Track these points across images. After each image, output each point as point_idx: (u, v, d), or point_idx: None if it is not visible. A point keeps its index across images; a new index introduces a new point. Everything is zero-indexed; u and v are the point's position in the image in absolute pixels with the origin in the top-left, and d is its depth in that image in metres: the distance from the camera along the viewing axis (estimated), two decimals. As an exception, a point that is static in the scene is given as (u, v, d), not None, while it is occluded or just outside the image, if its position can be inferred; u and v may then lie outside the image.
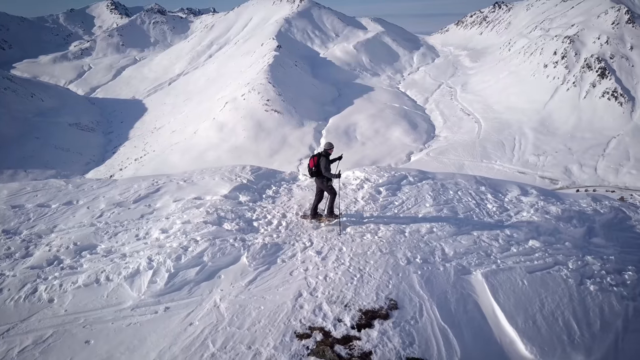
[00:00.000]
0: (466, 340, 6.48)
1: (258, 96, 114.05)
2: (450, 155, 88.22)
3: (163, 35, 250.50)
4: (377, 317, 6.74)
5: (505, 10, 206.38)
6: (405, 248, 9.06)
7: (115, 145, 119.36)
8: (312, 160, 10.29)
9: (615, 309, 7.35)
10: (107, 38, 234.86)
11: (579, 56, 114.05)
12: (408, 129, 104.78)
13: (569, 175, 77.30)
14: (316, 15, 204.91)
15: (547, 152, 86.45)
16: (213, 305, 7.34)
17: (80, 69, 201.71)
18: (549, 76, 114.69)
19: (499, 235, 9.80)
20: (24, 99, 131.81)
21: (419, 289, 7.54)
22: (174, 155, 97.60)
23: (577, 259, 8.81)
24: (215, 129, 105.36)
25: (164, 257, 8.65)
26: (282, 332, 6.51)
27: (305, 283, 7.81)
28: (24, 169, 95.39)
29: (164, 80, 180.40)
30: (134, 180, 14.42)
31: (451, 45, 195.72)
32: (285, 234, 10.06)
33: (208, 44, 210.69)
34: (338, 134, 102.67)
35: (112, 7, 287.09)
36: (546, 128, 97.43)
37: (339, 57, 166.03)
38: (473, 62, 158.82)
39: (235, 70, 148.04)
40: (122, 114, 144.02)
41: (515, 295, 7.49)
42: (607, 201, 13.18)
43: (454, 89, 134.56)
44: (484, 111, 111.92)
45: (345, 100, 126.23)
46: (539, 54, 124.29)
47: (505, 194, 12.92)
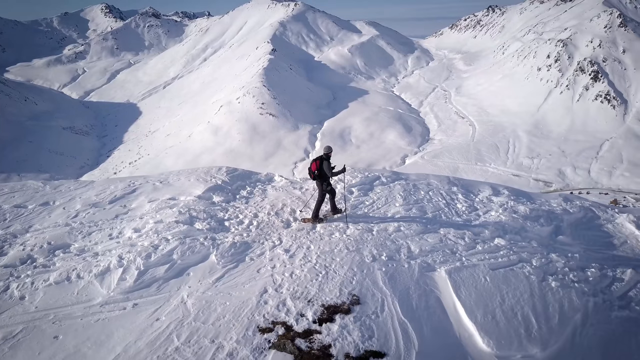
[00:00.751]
0: (425, 334, 6.66)
1: (253, 99, 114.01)
2: (444, 158, 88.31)
3: (158, 39, 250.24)
4: (338, 312, 6.95)
5: (499, 14, 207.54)
6: (372, 246, 9.27)
7: (109, 149, 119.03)
8: (315, 164, 10.57)
9: (575, 304, 7.57)
10: (101, 41, 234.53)
11: (572, 59, 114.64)
12: (403, 132, 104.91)
13: (562, 178, 77.46)
14: (311, 19, 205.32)
15: (541, 155, 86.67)
16: (180, 301, 7.51)
17: (75, 73, 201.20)
18: (543, 79, 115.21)
19: (466, 233, 10.02)
20: (17, 102, 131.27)
21: (382, 285, 7.74)
22: (169, 159, 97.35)
23: (541, 257, 9.05)
24: (210, 133, 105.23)
25: (135, 255, 8.82)
26: (245, 326, 6.69)
27: (271, 280, 8.00)
28: (17, 172, 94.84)
29: (159, 83, 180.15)
30: (111, 181, 14.67)
31: (445, 49, 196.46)
32: (256, 233, 10.26)
33: (203, 47, 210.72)
34: (333, 137, 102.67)
35: (107, 11, 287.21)
36: (540, 131, 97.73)
37: (334, 61, 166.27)
38: (467, 66, 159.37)
39: (230, 73, 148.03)
40: (117, 118, 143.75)
41: (477, 291, 7.68)
42: (578, 201, 13.42)
43: (449, 92, 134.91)
44: (478, 114, 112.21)
45: (340, 104, 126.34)
46: (533, 58, 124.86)
47: (477, 194, 13.19)
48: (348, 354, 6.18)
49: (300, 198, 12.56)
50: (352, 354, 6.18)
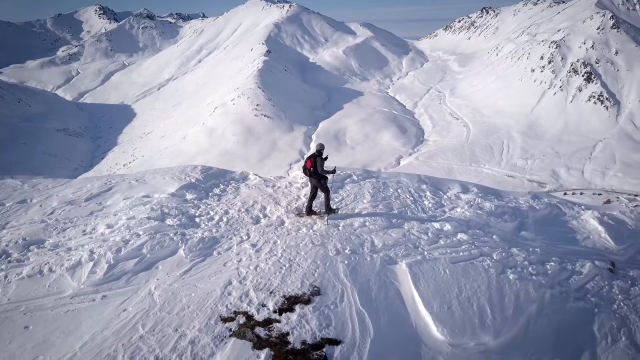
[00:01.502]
0: (382, 324, 7.00)
1: (248, 101, 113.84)
2: (439, 160, 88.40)
3: (152, 40, 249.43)
4: (299, 302, 7.33)
5: (492, 15, 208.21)
6: (337, 240, 9.64)
7: (103, 151, 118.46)
8: (310, 161, 10.98)
9: (531, 296, 7.92)
10: (95, 43, 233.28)
11: (565, 61, 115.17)
12: (397, 134, 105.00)
13: (556, 179, 77.69)
14: (305, 20, 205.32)
15: (535, 156, 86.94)
16: (147, 293, 7.83)
17: (68, 74, 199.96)
18: (536, 80, 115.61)
19: (429, 229, 10.43)
20: (10, 104, 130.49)
21: (343, 277, 8.09)
22: (163, 161, 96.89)
23: (502, 251, 9.45)
24: (205, 134, 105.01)
25: (105, 249, 9.14)
26: (208, 316, 7.03)
27: (236, 273, 8.35)
28: (10, 175, 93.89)
29: (153, 85, 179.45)
30: (89, 180, 15.07)
31: (440, 50, 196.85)
32: (225, 228, 10.64)
33: (197, 48, 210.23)
34: (328, 139, 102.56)
35: (101, 12, 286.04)
36: (534, 132, 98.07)
37: (329, 62, 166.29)
38: (461, 67, 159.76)
39: (225, 75, 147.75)
40: (111, 119, 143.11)
41: (436, 283, 8.01)
42: (546, 198, 13.97)
43: (443, 93, 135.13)
44: (473, 115, 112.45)
45: (335, 105, 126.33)
46: (526, 59, 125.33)
47: (446, 192, 13.69)
48: (304, 341, 6.49)
49: (272, 196, 12.95)
50: (309, 341, 6.50)
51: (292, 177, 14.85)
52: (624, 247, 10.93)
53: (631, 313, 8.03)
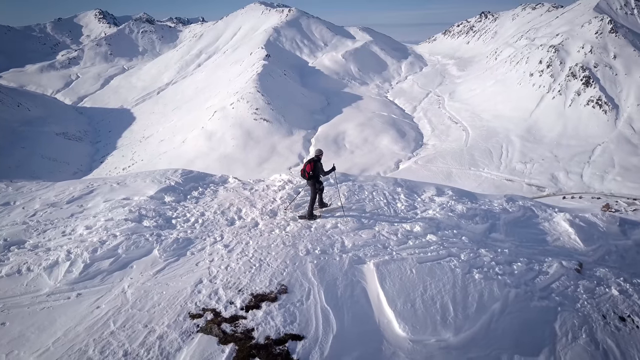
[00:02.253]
0: (345, 320, 7.29)
1: (247, 105, 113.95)
2: (438, 163, 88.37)
3: (152, 45, 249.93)
4: (266, 300, 7.64)
5: (491, 20, 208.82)
6: (308, 241, 9.98)
7: (103, 155, 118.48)
8: (310, 166, 11.52)
9: (495, 295, 8.17)
10: (95, 47, 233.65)
11: (563, 65, 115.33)
12: (396, 137, 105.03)
13: (555, 183, 77.61)
14: (305, 25, 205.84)
15: (533, 160, 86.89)
16: (121, 291, 8.14)
17: (68, 78, 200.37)
18: (535, 84, 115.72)
19: (399, 230, 10.72)
20: (10, 108, 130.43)
21: (311, 276, 8.40)
22: (162, 165, 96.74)
23: (470, 252, 9.73)
24: (204, 138, 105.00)
25: (82, 250, 9.49)
26: (177, 312, 7.33)
27: (207, 272, 8.65)
28: (9, 179, 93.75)
29: (153, 89, 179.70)
30: (72, 183, 15.74)
31: (439, 54, 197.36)
32: (200, 230, 11.02)
33: (197, 53, 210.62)
34: (327, 143, 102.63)
35: (100, 17, 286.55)
36: (533, 136, 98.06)
37: (328, 66, 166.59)
38: (460, 71, 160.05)
39: (224, 79, 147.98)
40: (110, 124, 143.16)
41: (401, 282, 8.28)
42: (520, 201, 14.29)
43: (442, 97, 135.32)
44: (472, 119, 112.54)
45: (334, 109, 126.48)
46: (525, 63, 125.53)
47: (420, 195, 14.06)
48: (268, 337, 6.79)
49: (248, 198, 13.32)
50: (272, 337, 6.80)
51: (270, 180, 15.17)
52: (593, 249, 11.23)
53: (594, 311, 8.26)
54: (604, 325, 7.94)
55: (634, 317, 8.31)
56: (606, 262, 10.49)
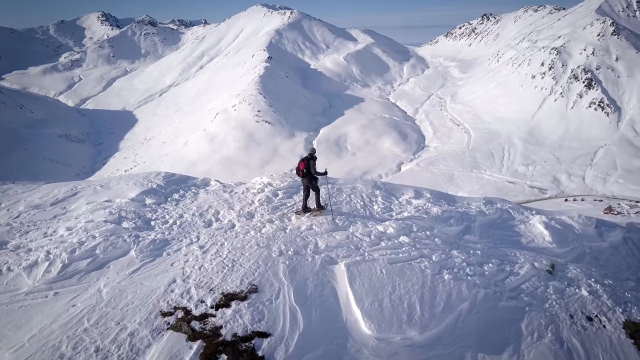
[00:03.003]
0: (313, 319, 7.51)
1: (249, 107, 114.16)
2: (440, 166, 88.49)
3: (154, 47, 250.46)
4: (235, 299, 7.84)
5: (493, 22, 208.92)
6: (282, 242, 10.19)
7: (105, 157, 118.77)
8: (303, 164, 11.82)
9: (463, 295, 8.37)
10: (97, 49, 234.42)
11: (565, 67, 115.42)
12: (398, 140, 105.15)
13: (557, 185, 77.67)
14: (307, 27, 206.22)
15: (535, 162, 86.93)
16: (96, 290, 8.39)
17: (71, 80, 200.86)
18: (537, 87, 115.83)
19: (373, 232, 10.93)
20: (13, 110, 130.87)
21: (282, 276, 8.61)
22: (164, 167, 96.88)
23: (442, 253, 9.93)
24: (206, 140, 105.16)
25: (61, 250, 9.77)
26: (149, 311, 7.55)
27: (181, 272, 8.87)
28: (12, 180, 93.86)
29: (155, 91, 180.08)
30: (57, 185, 15.84)
31: (441, 57, 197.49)
32: (177, 231, 11.24)
33: (199, 55, 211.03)
34: (329, 145, 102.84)
35: (103, 19, 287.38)
36: (535, 138, 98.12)
37: (330, 68, 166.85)
38: (462, 73, 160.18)
39: (226, 81, 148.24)
40: (113, 125, 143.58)
41: (371, 282, 8.50)
42: (499, 204, 14.42)
43: (444, 99, 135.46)
44: (474, 121, 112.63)
45: (336, 111, 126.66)
46: (527, 65, 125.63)
47: (398, 197, 14.27)
48: (235, 334, 7.00)
49: (227, 201, 13.55)
50: (239, 334, 7.01)
51: (251, 183, 15.38)
52: (566, 250, 11.39)
53: (562, 311, 8.44)
54: (570, 324, 8.13)
55: (602, 317, 8.50)
56: (579, 264, 10.69)
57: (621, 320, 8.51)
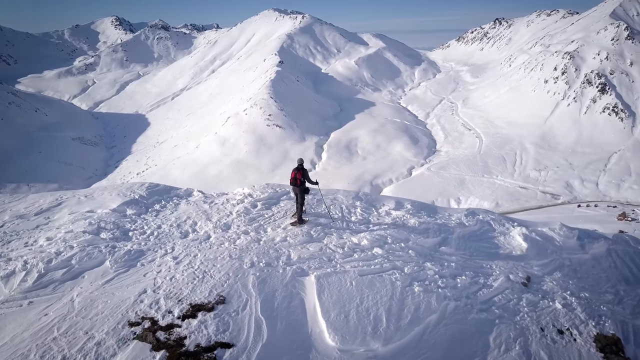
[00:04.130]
0: (277, 330, 7.62)
1: (260, 111, 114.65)
2: (451, 170, 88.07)
3: (167, 51, 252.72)
4: (202, 310, 7.95)
5: (505, 26, 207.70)
6: (254, 254, 10.28)
7: (117, 160, 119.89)
8: (299, 174, 12.25)
9: (432, 307, 8.42)
10: (111, 53, 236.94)
11: (579, 72, 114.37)
12: (409, 144, 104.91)
13: (570, 191, 76.85)
14: (318, 31, 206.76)
15: (548, 167, 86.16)
16: (69, 299, 8.52)
17: (85, 84, 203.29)
18: (550, 91, 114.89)
19: (346, 243, 11.02)
20: (28, 113, 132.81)
21: (251, 288, 8.71)
22: (176, 170, 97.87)
23: (415, 265, 10.00)
24: (217, 144, 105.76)
25: (38, 260, 9.95)
26: (118, 320, 7.70)
27: (153, 282, 8.98)
28: (26, 182, 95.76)
29: (167, 95, 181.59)
30: (42, 195, 16.18)
31: (452, 61, 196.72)
32: (153, 242, 11.34)
33: (211, 59, 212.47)
34: (339, 149, 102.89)
35: (117, 23, 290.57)
36: (547, 143, 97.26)
37: (341, 73, 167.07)
38: (474, 78, 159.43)
39: (238, 85, 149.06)
40: (125, 129, 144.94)
41: (339, 294, 8.58)
42: (481, 215, 14.31)
43: (455, 104, 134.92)
44: (485, 126, 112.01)
45: (346, 115, 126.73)
46: (540, 70, 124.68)
47: (378, 208, 14.27)
48: (199, 344, 7.12)
49: (206, 212, 13.62)
50: (203, 344, 7.13)
51: (232, 194, 15.39)
52: (544, 263, 11.29)
53: (532, 324, 8.43)
54: (540, 337, 8.10)
55: (573, 330, 8.47)
56: (556, 276, 10.64)
57: (593, 333, 8.49)
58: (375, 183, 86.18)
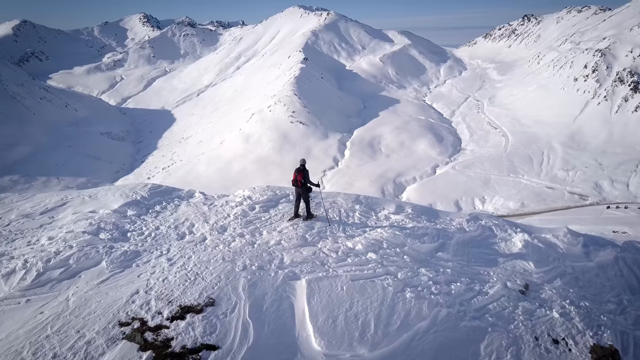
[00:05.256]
0: (264, 333, 7.67)
1: (284, 108, 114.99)
2: (476, 169, 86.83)
3: (193, 48, 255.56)
4: (191, 312, 8.08)
5: (534, 23, 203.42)
6: (247, 257, 10.34)
7: (144, 155, 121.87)
8: (300, 174, 12.56)
9: (423, 313, 8.36)
10: (138, 50, 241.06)
11: (610, 70, 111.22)
12: (434, 142, 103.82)
13: (599, 191, 74.97)
14: (343, 28, 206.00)
15: (576, 167, 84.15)
16: (65, 298, 8.71)
17: (113, 80, 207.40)
18: (579, 90, 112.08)
19: (341, 247, 11.00)
20: (58, 108, 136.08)
21: (241, 291, 8.77)
22: (201, 165, 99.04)
23: (409, 271, 9.90)
24: (241, 140, 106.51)
25: (37, 259, 10.18)
26: (109, 320, 7.85)
27: (145, 283, 9.12)
28: (56, 176, 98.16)
29: (193, 91, 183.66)
30: (49, 195, 16.52)
31: (479, 58, 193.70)
32: (150, 243, 11.51)
33: (236, 56, 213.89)
34: (362, 146, 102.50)
35: (145, 20, 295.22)
36: (576, 143, 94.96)
37: (365, 70, 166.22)
38: (501, 75, 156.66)
39: (262, 82, 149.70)
40: (152, 124, 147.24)
41: (329, 299, 8.59)
42: (483, 221, 14.02)
43: (481, 102, 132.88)
44: (512, 125, 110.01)
45: (370, 113, 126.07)
46: (569, 68, 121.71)
47: (378, 212, 14.24)
48: (184, 346, 7.25)
49: (205, 214, 13.75)
50: (188, 346, 7.25)
51: (233, 196, 15.40)
52: (544, 270, 11.05)
53: (527, 333, 8.29)
54: (533, 346, 7.96)
55: (569, 340, 8.28)
56: (556, 284, 10.40)
57: (589, 344, 8.32)
58: (398, 181, 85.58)
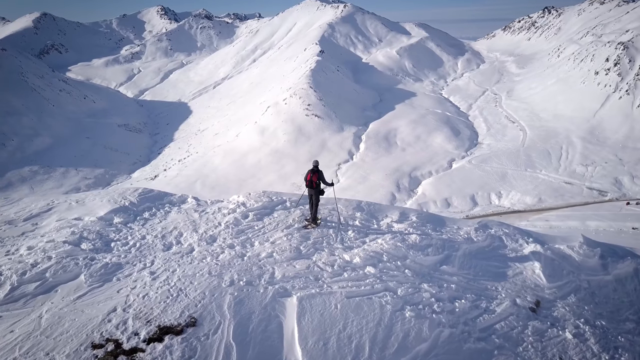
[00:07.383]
0: (248, 357, 7.04)
1: (299, 101, 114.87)
2: (492, 164, 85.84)
3: (209, 40, 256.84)
4: (170, 333, 7.42)
5: (555, 15, 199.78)
6: (236, 271, 9.55)
7: (160, 147, 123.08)
8: (315, 176, 12.12)
9: (424, 335, 7.72)
10: (156, 42, 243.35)
11: (633, 63, 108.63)
12: (450, 136, 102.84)
13: (619, 187, 73.59)
14: (360, 21, 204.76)
15: (595, 163, 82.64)
16: (38, 316, 8.03)
17: (131, 72, 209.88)
18: (600, 84, 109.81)
19: (337, 261, 10.22)
20: (77, 100, 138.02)
21: (226, 309, 8.05)
22: (216, 158, 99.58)
23: (410, 286, 9.18)
24: (257, 133, 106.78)
25: (12, 272, 9.48)
26: (81, 342, 7.22)
27: (124, 300, 8.40)
28: (75, 167, 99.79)
29: (209, 83, 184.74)
30: (34, 199, 15.68)
31: (497, 51, 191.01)
32: (134, 254, 10.68)
33: (252, 48, 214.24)
34: (378, 140, 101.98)
35: (162, 13, 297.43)
36: (595, 137, 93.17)
37: (382, 62, 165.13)
38: (520, 69, 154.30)
39: (278, 74, 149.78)
40: (168, 116, 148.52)
41: (321, 318, 7.90)
42: (493, 229, 13.07)
43: (499, 95, 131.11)
44: (530, 119, 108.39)
45: (386, 106, 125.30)
46: (590, 61, 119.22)
47: (380, 220, 13.28)
48: None
49: (195, 222, 12.86)
50: None
51: (226, 202, 14.69)
52: (558, 285, 10.30)
53: (537, 356, 7.65)
54: None
55: None
56: (570, 301, 9.72)
57: None
58: (414, 175, 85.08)
